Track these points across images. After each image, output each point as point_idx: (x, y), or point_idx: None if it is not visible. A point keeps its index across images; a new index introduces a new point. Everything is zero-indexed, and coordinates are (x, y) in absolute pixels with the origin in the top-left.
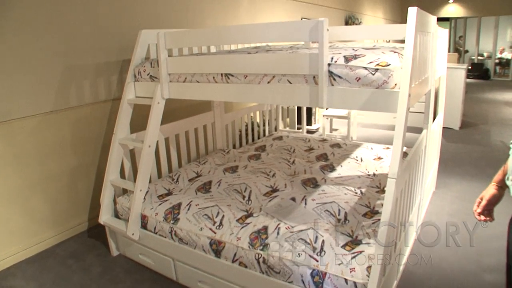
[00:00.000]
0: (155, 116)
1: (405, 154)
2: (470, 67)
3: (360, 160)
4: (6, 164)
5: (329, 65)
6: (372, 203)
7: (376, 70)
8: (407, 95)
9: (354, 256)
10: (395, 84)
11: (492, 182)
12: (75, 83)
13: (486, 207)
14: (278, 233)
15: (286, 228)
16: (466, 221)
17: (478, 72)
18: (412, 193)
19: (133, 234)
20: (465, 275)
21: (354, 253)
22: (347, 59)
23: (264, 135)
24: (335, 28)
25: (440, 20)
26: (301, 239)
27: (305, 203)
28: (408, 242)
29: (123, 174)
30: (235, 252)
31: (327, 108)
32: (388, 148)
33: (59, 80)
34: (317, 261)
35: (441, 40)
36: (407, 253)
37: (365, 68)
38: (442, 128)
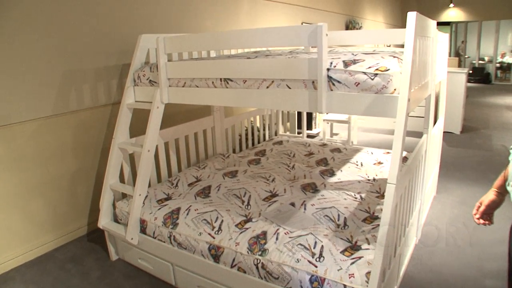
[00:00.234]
0: (154, 121)
1: (406, 159)
2: (471, 71)
3: (360, 165)
4: (6, 168)
5: (328, 70)
6: (372, 208)
7: (375, 75)
8: (407, 100)
9: (354, 262)
10: (395, 89)
11: (492, 188)
12: (75, 87)
13: (485, 212)
14: (277, 238)
15: (285, 233)
16: (467, 225)
17: (479, 76)
18: (412, 198)
19: (132, 239)
20: (466, 281)
21: (354, 259)
22: (346, 64)
23: (264, 140)
24: (334, 33)
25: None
26: (300, 245)
27: (305, 208)
28: (409, 247)
29: (123, 179)
30: (234, 257)
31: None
32: (389, 153)
33: (59, 84)
34: (316, 267)
35: (441, 45)
36: (408, 258)
37: (364, 73)
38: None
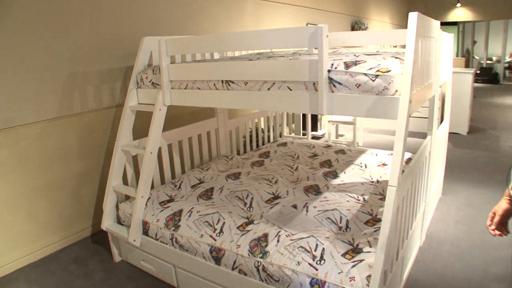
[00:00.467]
0: (157, 123)
1: (410, 160)
2: (479, 72)
3: (364, 167)
4: (11, 170)
5: (329, 72)
6: (375, 211)
7: (377, 77)
8: (408, 102)
9: (355, 265)
10: (396, 91)
11: (504, 196)
12: (79, 90)
13: (500, 222)
14: (278, 241)
15: (287, 236)
16: (473, 228)
17: (487, 77)
18: (416, 200)
19: (135, 241)
20: (470, 284)
21: (355, 262)
22: (347, 65)
23: (269, 141)
24: (336, 34)
25: (448, 25)
26: (301, 247)
27: (307, 211)
28: (413, 250)
29: (126, 181)
30: (235, 260)
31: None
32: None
33: (63, 87)
34: (317, 270)
35: (446, 45)
36: (411, 261)
37: (365, 75)
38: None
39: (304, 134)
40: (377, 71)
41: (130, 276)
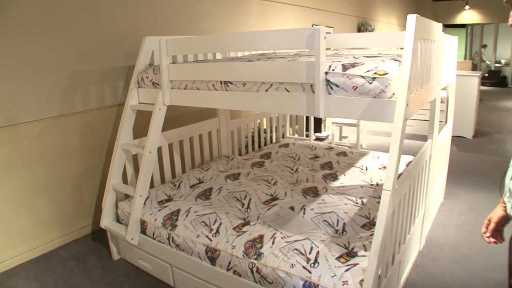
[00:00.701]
0: (156, 123)
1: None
2: (487, 75)
3: (365, 169)
4: (13, 167)
5: (327, 74)
6: (372, 214)
7: (374, 79)
8: (404, 105)
9: (348, 269)
10: (393, 93)
11: (500, 204)
12: (81, 88)
13: (495, 229)
14: (273, 243)
15: (282, 238)
16: (474, 233)
17: (495, 80)
18: (414, 204)
19: (132, 239)
20: None
21: (349, 266)
22: (345, 68)
23: (271, 142)
24: (334, 36)
25: (456, 27)
26: (296, 250)
27: (304, 213)
28: (411, 254)
29: (127, 179)
30: (230, 261)
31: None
32: None
33: (66, 85)
34: (310, 273)
35: (450, 48)
36: (410, 265)
37: (363, 77)
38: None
39: (307, 136)
40: (374, 74)
41: (128, 274)
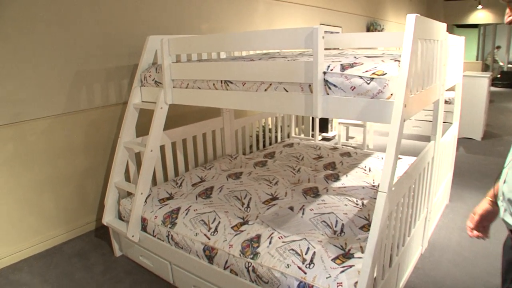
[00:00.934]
0: (158, 121)
1: None
2: (499, 76)
3: (368, 170)
4: (19, 164)
5: (325, 74)
6: (372, 216)
7: (372, 79)
8: (402, 106)
9: (344, 270)
10: (391, 94)
11: (487, 197)
12: (86, 87)
13: (480, 223)
14: (270, 243)
15: (279, 238)
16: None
17: (508, 81)
18: (415, 206)
19: (133, 236)
20: None
21: (344, 267)
22: (344, 68)
23: (276, 142)
24: (333, 36)
25: (468, 27)
26: (292, 250)
27: (303, 213)
28: (412, 257)
29: (130, 177)
30: (227, 259)
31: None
32: (400, 158)
33: (71, 84)
34: (305, 273)
35: (456, 48)
36: (411, 268)
37: (360, 77)
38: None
39: (313, 136)
40: (373, 74)
41: (129, 271)
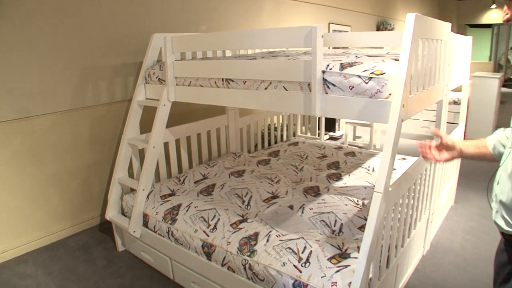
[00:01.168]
0: (161, 118)
1: None
2: None
3: (372, 170)
4: (25, 159)
5: (324, 73)
6: None
7: (370, 79)
8: (400, 106)
9: (339, 270)
10: (390, 94)
11: (463, 145)
12: (92, 84)
13: (439, 145)
14: (268, 241)
15: (277, 236)
16: (481, 239)
17: None
18: (415, 208)
19: (135, 232)
20: None
21: (340, 267)
22: (343, 67)
23: (282, 140)
24: (333, 35)
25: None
26: (289, 248)
27: (302, 212)
28: (412, 258)
29: (133, 173)
30: (224, 256)
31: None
32: (405, 159)
33: (77, 81)
34: (301, 272)
35: (462, 48)
36: (411, 270)
37: (359, 77)
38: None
39: (319, 135)
40: (371, 73)
41: (131, 266)
